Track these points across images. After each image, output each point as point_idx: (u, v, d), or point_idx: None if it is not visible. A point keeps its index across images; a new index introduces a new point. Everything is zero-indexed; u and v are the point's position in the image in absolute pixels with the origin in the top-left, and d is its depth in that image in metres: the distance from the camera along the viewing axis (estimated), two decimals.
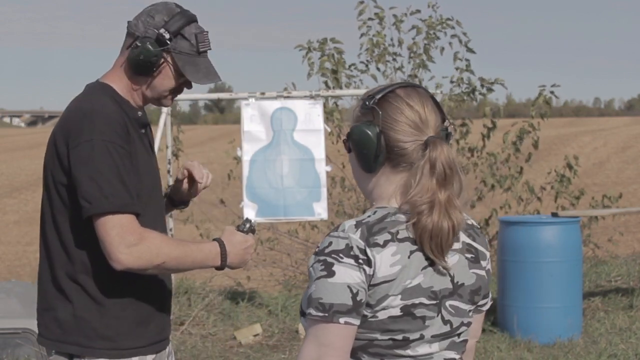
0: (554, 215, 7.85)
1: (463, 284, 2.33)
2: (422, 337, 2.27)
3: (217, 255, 3.03)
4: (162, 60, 3.04)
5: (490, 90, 10.12)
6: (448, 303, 2.30)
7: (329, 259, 2.22)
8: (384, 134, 2.29)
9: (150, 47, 3.02)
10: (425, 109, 2.31)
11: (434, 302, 2.28)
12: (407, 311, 2.24)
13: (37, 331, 3.13)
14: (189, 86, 3.13)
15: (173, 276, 8.32)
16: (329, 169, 8.25)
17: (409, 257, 2.25)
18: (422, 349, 2.29)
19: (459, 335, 2.36)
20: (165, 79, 3.08)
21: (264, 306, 8.56)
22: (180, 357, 7.19)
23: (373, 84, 10.03)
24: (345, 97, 9.93)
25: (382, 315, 2.23)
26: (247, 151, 8.12)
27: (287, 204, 8.04)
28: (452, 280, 2.31)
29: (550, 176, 10.51)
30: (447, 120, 2.37)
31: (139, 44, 3.02)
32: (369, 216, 2.29)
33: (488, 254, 2.43)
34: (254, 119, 8.15)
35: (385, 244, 2.23)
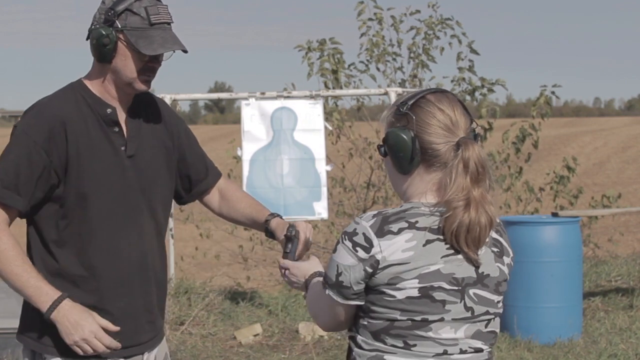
0: (554, 215, 7.85)
1: (488, 275, 2.47)
2: (442, 319, 2.41)
3: (48, 300, 2.91)
4: (116, 40, 2.97)
5: (490, 90, 10.11)
6: (472, 291, 2.44)
7: (340, 238, 2.45)
8: (418, 137, 2.44)
9: (100, 30, 2.96)
10: (456, 112, 2.46)
11: (456, 287, 2.41)
12: (426, 293, 2.38)
13: None
14: (156, 62, 3.02)
15: (173, 276, 8.33)
16: (329, 168, 8.25)
17: (424, 245, 2.38)
18: (445, 333, 2.42)
19: (485, 324, 2.49)
20: (126, 60, 2.99)
21: (264, 306, 8.55)
22: (180, 357, 7.18)
23: (372, 84, 10.05)
24: (345, 97, 9.93)
25: (399, 295, 2.38)
26: (247, 151, 8.12)
27: (287, 204, 8.04)
28: (476, 270, 2.44)
29: (549, 177, 10.50)
30: (474, 122, 2.51)
31: (90, 31, 3.01)
32: (393, 209, 2.45)
33: (511, 251, 2.56)
34: (254, 118, 8.15)
35: (400, 231, 2.38)
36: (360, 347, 2.46)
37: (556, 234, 7.61)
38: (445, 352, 2.43)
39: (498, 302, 2.50)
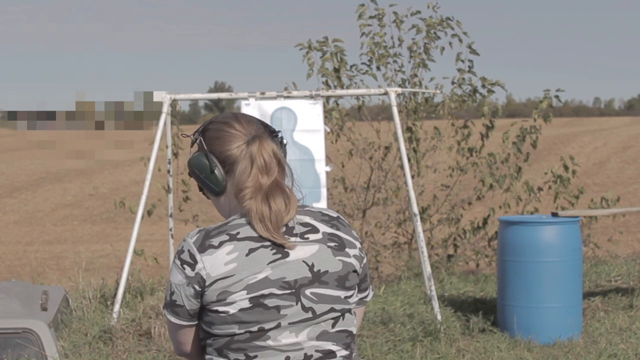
0: (554, 215, 7.84)
1: (327, 271, 2.46)
2: (279, 325, 2.40)
3: None
4: None
5: (490, 91, 10.10)
6: (309, 291, 2.43)
7: (174, 258, 2.51)
8: (212, 152, 2.50)
9: None
10: (239, 121, 2.54)
11: (289, 291, 2.41)
12: (257, 302, 2.39)
13: (37, 331, 3.13)
14: None
15: None
16: (329, 169, 8.24)
17: (247, 255, 2.40)
18: (285, 339, 2.42)
19: (332, 324, 2.46)
20: None
21: None
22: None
23: (373, 84, 10.04)
24: (345, 97, 9.92)
25: (232, 309, 2.39)
26: None
27: None
28: (311, 269, 2.43)
29: (547, 177, 10.50)
30: (270, 126, 2.59)
31: None
32: (216, 223, 2.49)
33: (357, 243, 2.55)
34: None
35: (221, 244, 2.42)
36: None
37: (556, 234, 7.61)
38: (287, 359, 2.42)
39: (346, 297, 2.49)
